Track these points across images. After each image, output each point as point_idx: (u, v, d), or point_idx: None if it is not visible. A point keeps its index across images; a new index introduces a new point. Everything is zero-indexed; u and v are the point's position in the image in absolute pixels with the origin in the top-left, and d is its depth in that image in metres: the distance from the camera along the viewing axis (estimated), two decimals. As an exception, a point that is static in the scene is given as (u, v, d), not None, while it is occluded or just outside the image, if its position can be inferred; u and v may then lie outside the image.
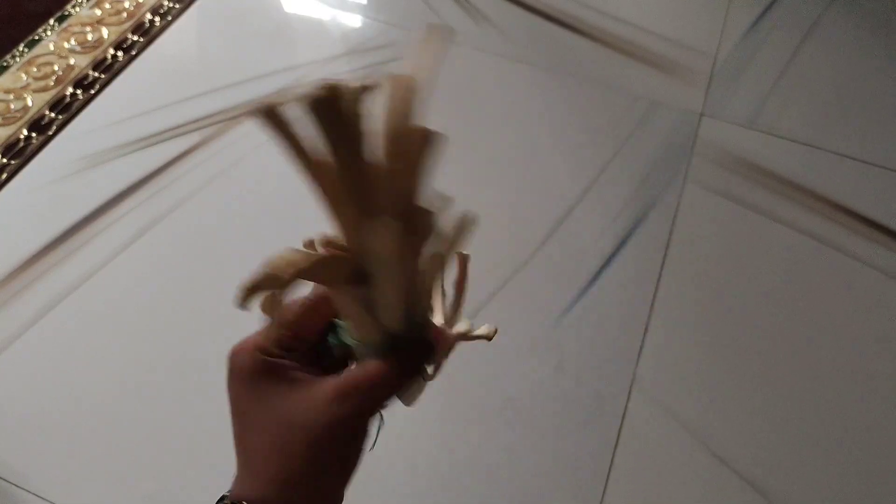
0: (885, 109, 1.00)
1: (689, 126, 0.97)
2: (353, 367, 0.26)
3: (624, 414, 0.72)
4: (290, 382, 0.22)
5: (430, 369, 0.27)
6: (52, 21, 1.06)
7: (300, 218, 0.86)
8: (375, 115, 0.24)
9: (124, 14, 1.07)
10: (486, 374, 0.73)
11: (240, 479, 0.22)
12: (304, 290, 0.25)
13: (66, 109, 0.94)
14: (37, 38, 1.04)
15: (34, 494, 0.64)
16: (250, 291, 0.22)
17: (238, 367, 0.23)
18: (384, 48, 1.04)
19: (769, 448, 0.70)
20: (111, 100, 0.96)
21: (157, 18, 1.07)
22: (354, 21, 1.09)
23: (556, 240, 0.84)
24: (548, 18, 1.11)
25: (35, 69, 0.99)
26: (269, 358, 0.23)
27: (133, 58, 1.02)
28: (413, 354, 0.24)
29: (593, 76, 1.03)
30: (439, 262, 0.25)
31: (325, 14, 1.10)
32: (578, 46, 1.07)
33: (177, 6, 1.09)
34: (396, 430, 0.69)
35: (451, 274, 0.28)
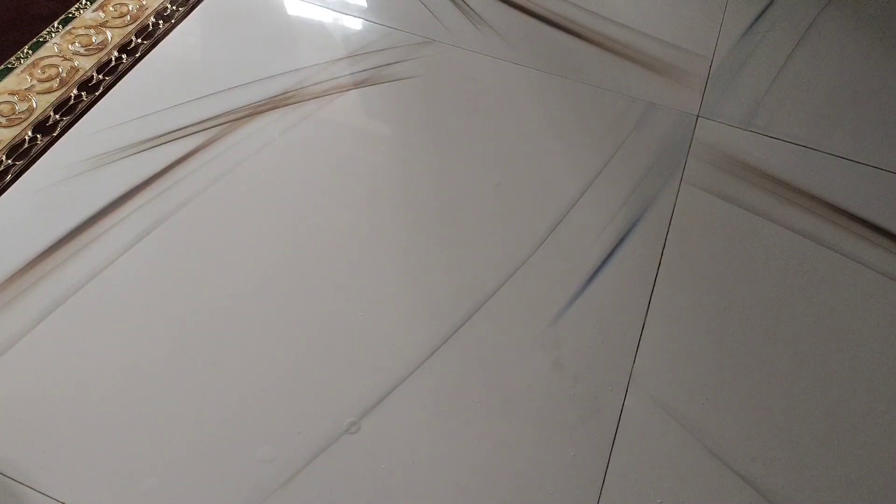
0: (880, 110, 1.02)
1: (686, 127, 0.98)
2: None
3: (621, 411, 0.72)
4: None
5: None
6: (56, 24, 1.07)
7: (304, 219, 0.87)
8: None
9: (128, 17, 1.09)
10: (485, 372, 0.74)
11: None
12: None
13: (70, 111, 0.95)
14: (41, 40, 1.05)
15: (38, 492, 0.65)
16: None
17: None
18: (385, 51, 1.06)
19: (765, 445, 0.71)
20: (116, 102, 0.97)
21: (161, 22, 1.09)
22: (355, 24, 1.10)
23: (554, 239, 0.86)
24: (546, 22, 1.12)
25: (39, 71, 1.00)
26: None
27: (137, 60, 1.03)
28: None
29: (592, 79, 1.04)
30: None
31: (327, 17, 1.11)
32: (577, 50, 1.08)
33: (180, 10, 1.11)
34: (393, 427, 0.70)
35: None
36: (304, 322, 0.77)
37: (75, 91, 0.98)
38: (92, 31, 1.06)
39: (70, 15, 1.08)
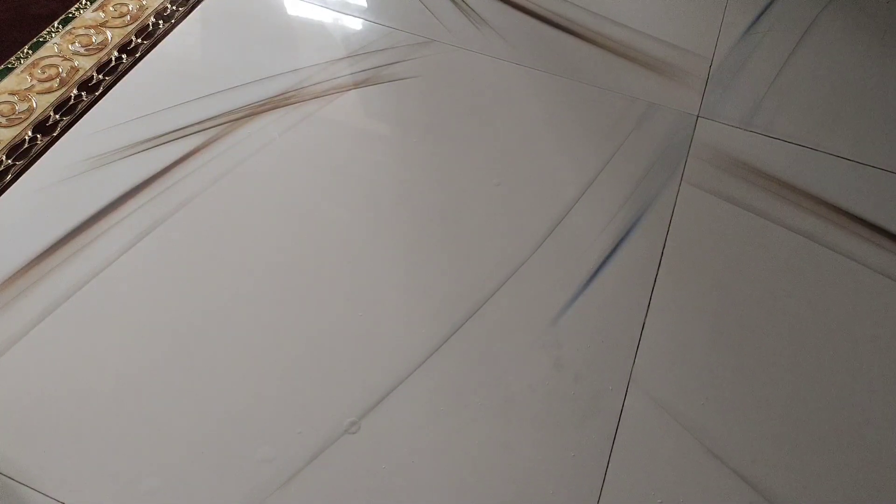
0: (880, 110, 1.02)
1: (686, 127, 0.98)
2: None
3: (621, 411, 0.72)
4: None
5: None
6: (56, 24, 1.07)
7: (304, 219, 0.87)
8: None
9: (128, 17, 1.09)
10: (485, 372, 0.74)
11: None
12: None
13: (70, 111, 0.95)
14: (41, 40, 1.05)
15: (38, 492, 0.65)
16: None
17: None
18: (385, 51, 1.06)
19: (765, 445, 0.71)
20: (115, 102, 0.97)
21: (161, 22, 1.09)
22: (355, 24, 1.10)
23: (554, 239, 0.86)
24: (547, 22, 1.12)
25: (39, 71, 1.00)
26: None
27: (137, 60, 1.03)
28: None
29: (592, 79, 1.04)
30: None
31: (327, 17, 1.11)
32: (577, 50, 1.08)
33: (180, 10, 1.11)
34: (393, 427, 0.70)
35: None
36: (303, 322, 0.77)
37: (75, 91, 0.98)
38: (92, 30, 1.06)
39: (70, 15, 1.08)
